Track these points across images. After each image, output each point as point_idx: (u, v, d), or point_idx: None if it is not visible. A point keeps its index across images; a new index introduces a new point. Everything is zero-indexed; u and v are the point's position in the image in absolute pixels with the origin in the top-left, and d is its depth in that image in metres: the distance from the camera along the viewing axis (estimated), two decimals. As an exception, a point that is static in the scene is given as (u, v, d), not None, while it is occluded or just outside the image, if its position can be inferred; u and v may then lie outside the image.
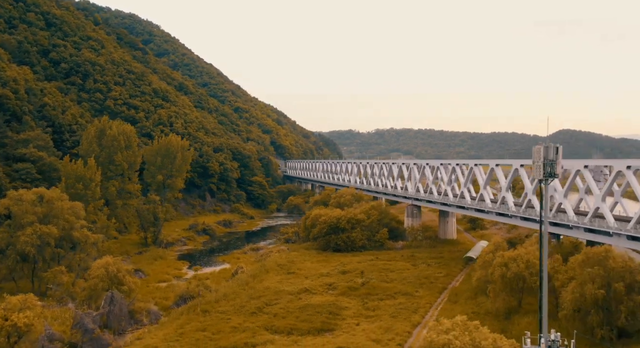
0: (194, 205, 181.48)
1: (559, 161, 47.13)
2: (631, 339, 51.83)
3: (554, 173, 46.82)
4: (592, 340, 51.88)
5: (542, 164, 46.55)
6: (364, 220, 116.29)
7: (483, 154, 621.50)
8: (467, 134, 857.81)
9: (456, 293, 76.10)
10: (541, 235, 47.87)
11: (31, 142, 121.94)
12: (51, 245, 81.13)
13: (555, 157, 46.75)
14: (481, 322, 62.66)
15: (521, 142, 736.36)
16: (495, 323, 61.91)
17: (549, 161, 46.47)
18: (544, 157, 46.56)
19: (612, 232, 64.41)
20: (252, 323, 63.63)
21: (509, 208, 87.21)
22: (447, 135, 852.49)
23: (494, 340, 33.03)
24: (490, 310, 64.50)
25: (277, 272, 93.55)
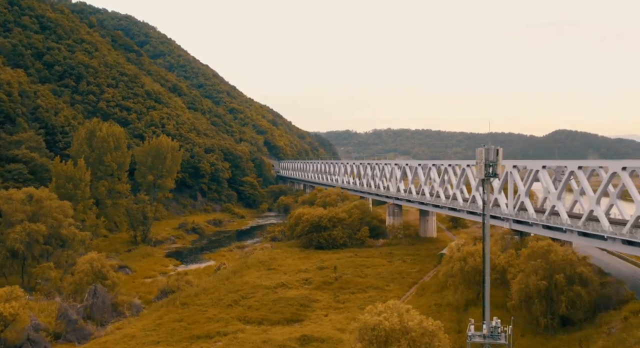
0: (185, 204, 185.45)
1: (499, 162, 51.35)
2: (573, 327, 55.80)
3: (495, 173, 51.01)
4: (537, 328, 55.89)
5: (484, 165, 50.72)
6: (345, 218, 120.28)
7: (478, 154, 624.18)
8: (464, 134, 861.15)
9: (424, 287, 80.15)
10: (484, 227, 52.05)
11: (23, 144, 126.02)
12: (40, 242, 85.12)
13: (495, 158, 50.94)
14: (442, 313, 67.30)
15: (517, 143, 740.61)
16: (454, 314, 66.11)
17: (489, 162, 50.61)
18: (486, 158, 50.73)
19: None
20: (227, 315, 67.74)
21: (478, 207, 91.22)
22: (444, 136, 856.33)
23: (420, 321, 36.96)
24: (451, 302, 68.40)
25: (258, 268, 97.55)
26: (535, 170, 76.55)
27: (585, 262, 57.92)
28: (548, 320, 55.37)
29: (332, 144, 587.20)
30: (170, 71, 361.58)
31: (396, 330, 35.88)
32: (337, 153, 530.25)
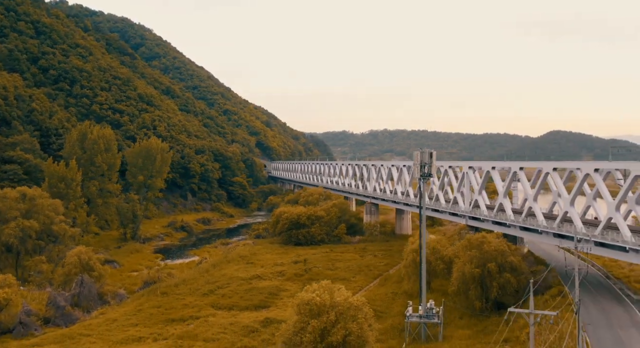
0: (176, 204, 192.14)
1: (433, 164, 58.58)
2: (505, 310, 62.62)
3: (429, 173, 58.19)
4: (473, 311, 62.76)
5: (419, 166, 57.91)
6: (323, 216, 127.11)
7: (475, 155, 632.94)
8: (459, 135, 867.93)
9: (386, 279, 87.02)
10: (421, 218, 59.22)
11: (19, 145, 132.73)
12: (32, 237, 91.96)
13: (429, 160, 58.17)
14: (396, 299, 74.23)
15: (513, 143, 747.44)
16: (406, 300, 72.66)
17: (424, 163, 57.80)
18: (421, 160, 57.94)
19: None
20: (201, 302, 74.64)
21: (441, 205, 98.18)
22: (441, 136, 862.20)
23: (346, 298, 43.69)
24: (406, 290, 75.24)
25: (237, 262, 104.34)
26: (487, 170, 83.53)
27: (516, 252, 64.98)
28: (482, 303, 62.32)
29: (327, 145, 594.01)
30: (166, 73, 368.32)
31: (326, 304, 42.73)
32: (331, 154, 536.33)
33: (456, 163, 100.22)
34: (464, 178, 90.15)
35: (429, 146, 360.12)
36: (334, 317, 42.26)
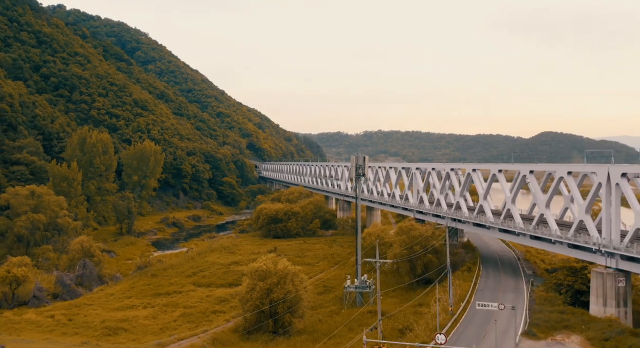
0: (168, 202, 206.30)
1: (366, 165, 73.27)
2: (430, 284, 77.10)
3: (363, 173, 72.86)
4: (404, 286, 77.20)
5: (354, 167, 72.61)
6: (299, 212, 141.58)
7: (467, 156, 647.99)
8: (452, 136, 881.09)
9: (345, 263, 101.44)
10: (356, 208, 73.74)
11: (25, 148, 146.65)
12: (40, 229, 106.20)
13: (363, 163, 72.88)
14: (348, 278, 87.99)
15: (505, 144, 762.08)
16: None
17: (359, 165, 72.50)
18: (356, 163, 72.66)
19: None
20: (185, 281, 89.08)
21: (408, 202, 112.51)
22: (434, 137, 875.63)
23: (286, 266, 58.11)
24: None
25: (220, 252, 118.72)
26: (428, 171, 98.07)
27: (438, 237, 79.42)
28: (411, 279, 76.77)
29: (320, 146, 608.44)
30: (161, 76, 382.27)
31: (270, 270, 57.17)
32: (324, 155, 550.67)
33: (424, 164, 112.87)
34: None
35: (423, 147, 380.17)
36: (276, 280, 56.75)
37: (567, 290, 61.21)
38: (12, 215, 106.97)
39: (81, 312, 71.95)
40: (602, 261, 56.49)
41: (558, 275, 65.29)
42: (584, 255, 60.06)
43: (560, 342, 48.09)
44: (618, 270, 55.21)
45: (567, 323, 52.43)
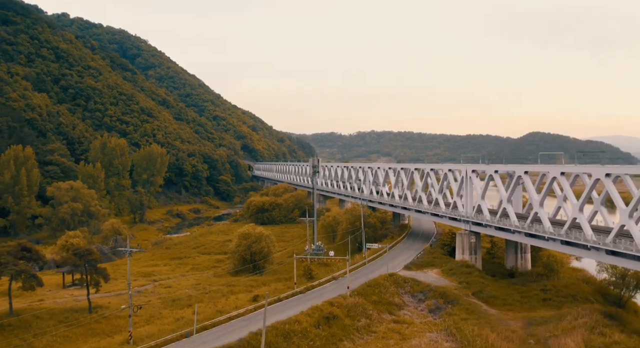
0: (172, 197, 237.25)
1: (320, 164, 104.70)
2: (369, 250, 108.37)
3: (317, 171, 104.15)
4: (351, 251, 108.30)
5: (312, 166, 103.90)
6: (282, 204, 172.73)
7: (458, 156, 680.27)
8: (444, 136, 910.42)
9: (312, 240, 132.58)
10: (313, 197, 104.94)
11: (55, 152, 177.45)
12: (78, 215, 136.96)
13: (317, 163, 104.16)
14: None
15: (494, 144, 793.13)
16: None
17: (315, 165, 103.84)
18: (313, 163, 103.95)
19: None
20: (191, 251, 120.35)
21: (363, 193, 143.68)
22: (425, 138, 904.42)
23: (261, 231, 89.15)
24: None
25: (217, 234, 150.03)
26: (385, 170, 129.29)
27: (373, 214, 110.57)
28: (355, 246, 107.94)
29: (313, 146, 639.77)
30: (160, 82, 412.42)
31: (251, 233, 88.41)
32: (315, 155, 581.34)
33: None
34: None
35: (415, 147, 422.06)
36: (254, 239, 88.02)
37: (446, 246, 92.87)
38: (56, 204, 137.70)
39: (120, 268, 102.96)
40: (463, 226, 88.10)
41: (443, 237, 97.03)
42: (459, 225, 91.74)
43: (424, 272, 79.61)
44: (471, 231, 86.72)
45: (434, 263, 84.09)
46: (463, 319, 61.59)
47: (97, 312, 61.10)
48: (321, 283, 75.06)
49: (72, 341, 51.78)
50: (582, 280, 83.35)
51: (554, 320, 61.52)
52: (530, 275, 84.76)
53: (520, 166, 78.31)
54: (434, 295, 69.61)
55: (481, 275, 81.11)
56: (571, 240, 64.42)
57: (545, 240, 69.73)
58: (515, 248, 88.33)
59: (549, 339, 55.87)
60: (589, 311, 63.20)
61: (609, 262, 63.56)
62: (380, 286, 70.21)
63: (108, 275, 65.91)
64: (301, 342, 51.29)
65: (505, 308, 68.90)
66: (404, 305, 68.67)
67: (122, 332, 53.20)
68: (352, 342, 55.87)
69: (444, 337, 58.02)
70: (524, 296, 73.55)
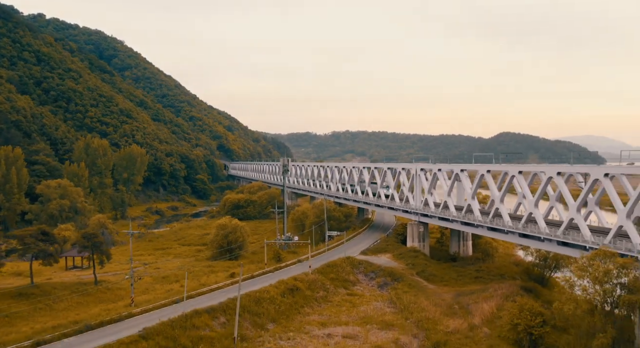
0: (151, 195, 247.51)
1: (289, 164, 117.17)
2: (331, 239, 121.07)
3: (287, 169, 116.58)
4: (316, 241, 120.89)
5: (282, 165, 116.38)
6: (256, 200, 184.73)
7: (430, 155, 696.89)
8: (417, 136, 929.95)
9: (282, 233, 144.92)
10: (283, 193, 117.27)
11: (40, 152, 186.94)
12: (66, 210, 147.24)
13: (287, 163, 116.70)
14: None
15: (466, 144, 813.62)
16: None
17: (285, 164, 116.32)
18: (283, 163, 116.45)
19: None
20: (172, 243, 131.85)
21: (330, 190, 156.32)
22: (399, 138, 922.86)
23: (237, 222, 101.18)
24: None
25: (195, 228, 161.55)
26: (350, 169, 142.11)
27: (338, 209, 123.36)
28: (320, 237, 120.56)
29: (288, 146, 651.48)
30: (137, 83, 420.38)
31: (227, 224, 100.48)
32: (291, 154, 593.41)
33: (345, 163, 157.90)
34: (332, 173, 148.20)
35: (389, 147, 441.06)
36: (230, 229, 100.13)
37: (400, 235, 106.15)
38: (45, 201, 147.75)
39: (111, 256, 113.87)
40: (413, 217, 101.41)
41: (398, 228, 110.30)
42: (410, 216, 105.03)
43: (377, 256, 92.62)
44: (420, 222, 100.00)
45: (387, 249, 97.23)
46: (405, 292, 74.54)
47: (101, 284, 72.80)
48: (288, 265, 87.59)
49: (84, 306, 63.69)
50: (512, 263, 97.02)
51: (479, 292, 74.80)
52: (470, 259, 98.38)
53: (458, 165, 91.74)
54: (383, 274, 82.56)
55: (426, 258, 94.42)
56: (495, 226, 77.88)
57: (475, 226, 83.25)
58: (458, 237, 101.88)
59: (470, 305, 69.14)
60: (510, 285, 76.66)
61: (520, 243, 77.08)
62: (338, 266, 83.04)
63: (110, 254, 77.49)
64: (269, 307, 63.78)
65: (442, 284, 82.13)
66: (358, 282, 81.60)
67: (124, 299, 65.18)
68: (311, 309, 68.53)
69: (387, 305, 71.04)
70: (459, 275, 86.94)
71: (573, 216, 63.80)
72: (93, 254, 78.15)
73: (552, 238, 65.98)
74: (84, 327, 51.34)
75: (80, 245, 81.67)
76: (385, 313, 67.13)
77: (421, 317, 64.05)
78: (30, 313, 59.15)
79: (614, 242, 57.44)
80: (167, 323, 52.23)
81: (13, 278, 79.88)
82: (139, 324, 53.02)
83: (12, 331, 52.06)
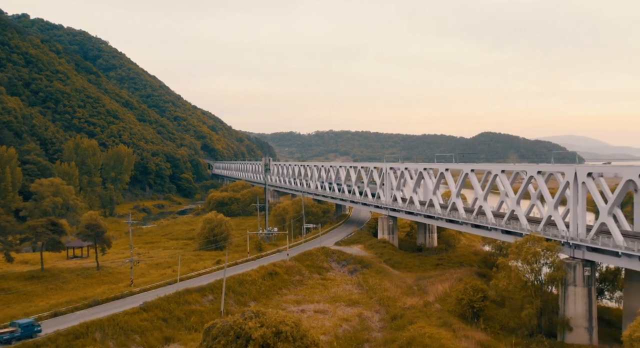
0: (137, 194, 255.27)
1: (270, 164, 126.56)
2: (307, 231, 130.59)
3: (268, 168, 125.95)
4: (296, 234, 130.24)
5: (264, 165, 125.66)
6: (240, 198, 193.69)
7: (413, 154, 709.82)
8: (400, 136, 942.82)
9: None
10: (265, 190, 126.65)
11: (32, 152, 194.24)
12: (59, 207, 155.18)
13: (269, 162, 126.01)
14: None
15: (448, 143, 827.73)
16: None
17: (266, 164, 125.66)
18: (265, 162, 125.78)
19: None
20: (161, 237, 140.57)
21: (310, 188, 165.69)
22: (382, 137, 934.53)
23: (222, 217, 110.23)
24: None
25: (182, 225, 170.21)
26: (328, 167, 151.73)
27: (316, 205, 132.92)
28: (299, 230, 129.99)
29: (271, 146, 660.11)
30: (122, 83, 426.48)
31: (213, 219, 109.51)
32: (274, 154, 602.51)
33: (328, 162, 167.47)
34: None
35: (372, 146, 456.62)
36: (216, 223, 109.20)
37: (372, 228, 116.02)
38: (38, 198, 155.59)
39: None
40: (384, 212, 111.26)
41: (370, 222, 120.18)
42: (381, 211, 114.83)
43: (350, 247, 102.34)
44: (389, 216, 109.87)
45: (359, 241, 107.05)
46: (372, 277, 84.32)
47: (103, 269, 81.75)
48: (268, 254, 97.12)
49: (89, 286, 72.60)
50: (472, 253, 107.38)
51: (437, 276, 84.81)
52: (434, 249, 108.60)
53: (422, 164, 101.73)
54: (354, 262, 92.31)
55: (394, 249, 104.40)
56: (451, 218, 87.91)
57: (435, 219, 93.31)
58: (424, 229, 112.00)
59: (427, 286, 79.06)
60: (466, 271, 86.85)
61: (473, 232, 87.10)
62: (313, 255, 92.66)
63: (111, 242, 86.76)
64: (251, 287, 73.19)
65: (406, 270, 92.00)
66: (331, 268, 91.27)
67: (124, 281, 74.25)
68: (288, 290, 78.04)
69: (355, 287, 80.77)
70: (422, 263, 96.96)
71: (514, 208, 73.92)
72: (96, 243, 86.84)
73: (497, 227, 76.06)
74: (92, 302, 60.35)
75: (84, 234, 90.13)
76: (352, 293, 76.83)
77: (383, 296, 73.79)
78: (44, 292, 68.01)
79: (544, 229, 67.54)
80: (164, 299, 61.43)
81: (22, 265, 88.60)
82: (140, 300, 62.18)
83: (32, 305, 60.98)
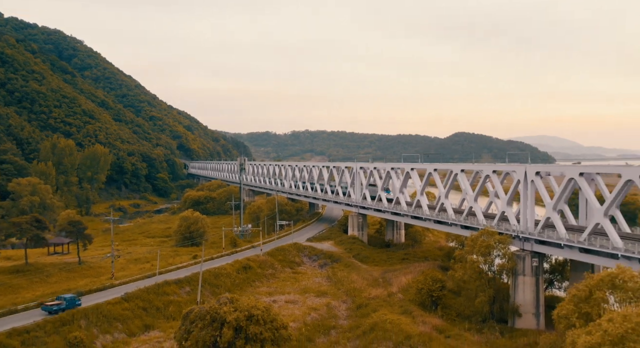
0: (113, 193, 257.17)
1: (245, 164, 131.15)
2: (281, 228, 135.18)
3: (243, 168, 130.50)
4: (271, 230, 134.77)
5: (239, 165, 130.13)
6: (216, 197, 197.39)
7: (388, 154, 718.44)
8: (375, 136, 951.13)
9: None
10: (240, 189, 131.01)
11: (8, 151, 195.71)
12: (36, 206, 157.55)
13: (244, 162, 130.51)
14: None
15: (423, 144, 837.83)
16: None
17: (242, 163, 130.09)
18: (240, 162, 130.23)
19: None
20: (138, 235, 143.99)
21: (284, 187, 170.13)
22: (358, 137, 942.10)
23: (199, 215, 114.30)
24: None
25: (158, 223, 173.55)
26: (302, 167, 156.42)
27: (290, 203, 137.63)
28: (273, 227, 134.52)
29: (247, 145, 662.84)
30: (97, 82, 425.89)
31: (189, 216, 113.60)
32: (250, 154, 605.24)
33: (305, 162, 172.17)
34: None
35: (347, 146, 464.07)
36: (192, 221, 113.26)
37: (343, 225, 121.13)
38: (16, 197, 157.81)
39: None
40: (354, 210, 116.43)
41: (341, 219, 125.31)
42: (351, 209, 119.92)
43: (321, 243, 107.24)
44: (359, 213, 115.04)
45: (330, 237, 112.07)
46: (340, 270, 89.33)
47: (84, 264, 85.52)
48: (243, 249, 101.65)
49: (72, 280, 76.37)
50: (437, 248, 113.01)
51: (402, 269, 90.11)
52: (402, 245, 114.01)
53: (388, 164, 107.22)
54: (324, 257, 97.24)
55: (363, 244, 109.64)
56: (417, 215, 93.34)
57: (402, 216, 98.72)
58: (393, 226, 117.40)
59: (391, 279, 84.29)
60: (429, 264, 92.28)
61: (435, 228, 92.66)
62: (285, 250, 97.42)
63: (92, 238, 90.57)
64: (226, 280, 77.68)
65: (373, 264, 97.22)
66: (302, 263, 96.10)
67: (105, 275, 78.17)
68: (261, 283, 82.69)
69: (324, 280, 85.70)
70: (389, 257, 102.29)
71: (472, 205, 79.52)
72: (78, 239, 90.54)
73: (457, 223, 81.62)
74: (76, 293, 64.28)
75: (66, 231, 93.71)
76: (322, 285, 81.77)
77: (350, 287, 78.85)
78: (29, 284, 71.57)
79: (498, 224, 73.18)
80: (144, 290, 65.66)
81: (4, 261, 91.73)
82: (121, 291, 66.32)
83: (18, 297, 64.69)
